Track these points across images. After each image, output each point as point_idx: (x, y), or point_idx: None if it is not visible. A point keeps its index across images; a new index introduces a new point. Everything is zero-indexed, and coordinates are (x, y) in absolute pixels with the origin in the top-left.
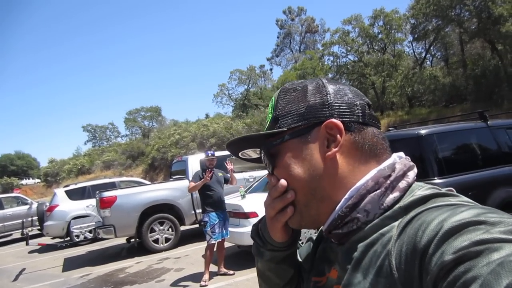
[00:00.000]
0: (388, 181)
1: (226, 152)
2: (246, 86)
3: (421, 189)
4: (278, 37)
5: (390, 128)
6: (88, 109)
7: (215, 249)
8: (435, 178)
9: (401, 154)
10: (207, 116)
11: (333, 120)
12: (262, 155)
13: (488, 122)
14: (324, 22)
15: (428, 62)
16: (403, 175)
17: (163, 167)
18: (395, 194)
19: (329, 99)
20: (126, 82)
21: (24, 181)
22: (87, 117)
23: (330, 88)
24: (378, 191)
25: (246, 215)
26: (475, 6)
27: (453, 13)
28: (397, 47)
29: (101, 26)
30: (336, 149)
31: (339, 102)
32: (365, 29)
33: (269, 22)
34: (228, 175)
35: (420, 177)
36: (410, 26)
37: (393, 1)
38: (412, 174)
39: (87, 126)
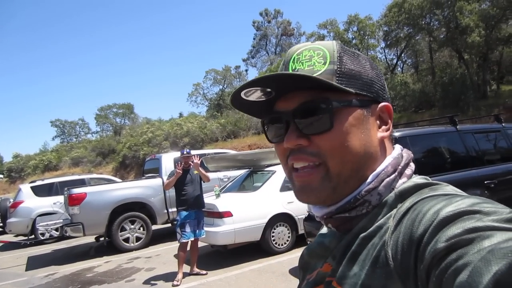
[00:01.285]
0: (400, 167)
1: (202, 151)
2: (221, 86)
3: (415, 178)
4: (254, 39)
5: None
6: (57, 103)
7: (188, 248)
8: None
9: (400, 146)
10: (180, 115)
11: (388, 104)
12: (313, 107)
13: (458, 127)
14: (300, 26)
15: (399, 69)
16: (408, 163)
17: (135, 166)
18: (404, 179)
19: (383, 81)
20: (99, 78)
21: None
22: (56, 112)
23: (379, 69)
24: (392, 176)
25: (220, 215)
26: (444, 16)
27: (423, 22)
28: (370, 52)
29: (74, 17)
30: (388, 133)
31: (384, 85)
32: (339, 34)
33: (245, 23)
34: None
35: None
36: (383, 33)
37: (367, 8)
38: (412, 164)
39: (55, 121)
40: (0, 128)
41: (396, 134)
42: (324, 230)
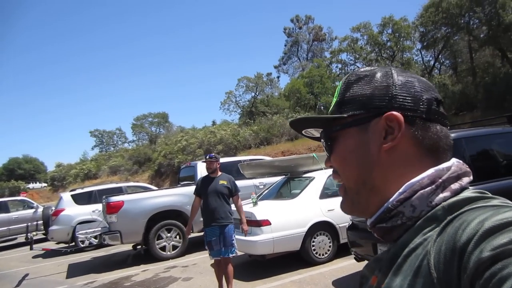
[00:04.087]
0: (440, 180)
1: (235, 158)
2: (253, 94)
3: (467, 192)
4: (285, 45)
5: None
6: (95, 114)
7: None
8: None
9: (458, 160)
10: (213, 123)
11: (394, 112)
12: (322, 138)
13: None
14: (332, 31)
15: (437, 70)
16: (457, 177)
17: (170, 173)
18: (446, 194)
19: (394, 91)
20: (134, 88)
21: (31, 185)
22: (95, 123)
23: (398, 79)
24: (428, 188)
25: (259, 223)
26: (485, 14)
27: (462, 21)
28: (406, 55)
29: (108, 28)
30: (393, 142)
31: (404, 94)
32: (373, 36)
33: (276, 29)
34: (233, 185)
35: None
36: (419, 34)
37: (402, 9)
38: (467, 179)
39: (94, 131)
40: (44, 139)
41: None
42: None
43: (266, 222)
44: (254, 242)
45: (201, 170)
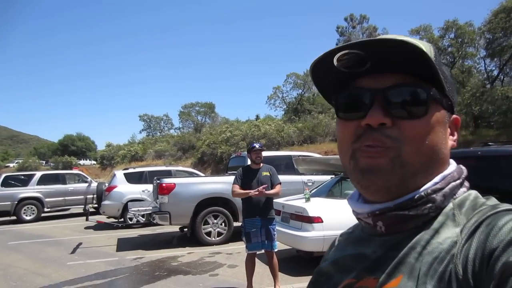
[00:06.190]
0: (463, 175)
1: (278, 153)
2: (300, 91)
3: (470, 192)
4: (337, 44)
5: (490, 143)
6: (146, 99)
7: (261, 259)
8: None
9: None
10: (257, 117)
11: (458, 117)
12: (398, 88)
13: None
14: (387, 32)
15: (499, 82)
16: (466, 177)
17: (212, 162)
18: (464, 189)
19: (452, 90)
20: (184, 78)
21: (81, 161)
22: (144, 107)
23: (450, 73)
24: (457, 181)
25: (310, 219)
26: None
27: None
28: (467, 62)
29: (163, 18)
30: (455, 143)
31: (454, 95)
32: (434, 40)
33: (329, 28)
34: (274, 175)
35: None
36: (485, 41)
37: (467, 13)
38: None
39: (143, 116)
40: (96, 120)
41: None
42: (337, 243)
43: (318, 219)
44: (304, 238)
45: None
